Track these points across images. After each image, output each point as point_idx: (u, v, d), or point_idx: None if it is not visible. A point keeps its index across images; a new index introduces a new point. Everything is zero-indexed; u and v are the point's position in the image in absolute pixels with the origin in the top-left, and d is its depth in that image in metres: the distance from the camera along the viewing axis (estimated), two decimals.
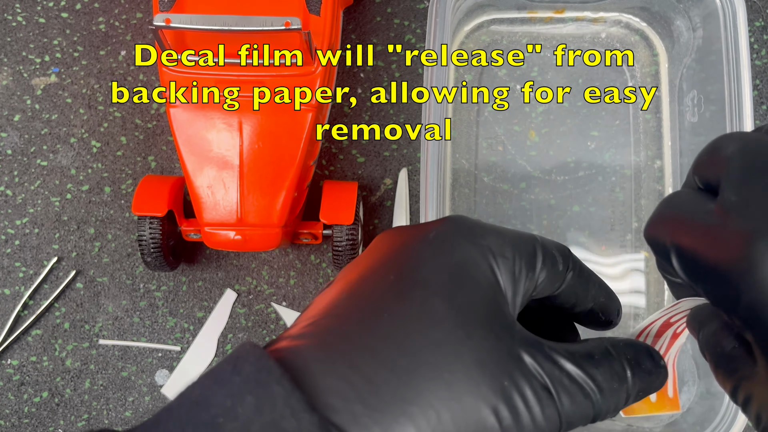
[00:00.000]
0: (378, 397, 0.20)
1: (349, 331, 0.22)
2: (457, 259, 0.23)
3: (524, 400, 0.22)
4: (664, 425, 0.49)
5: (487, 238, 0.24)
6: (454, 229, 0.24)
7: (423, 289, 0.23)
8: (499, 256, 0.24)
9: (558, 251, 0.26)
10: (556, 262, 0.26)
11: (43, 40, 0.59)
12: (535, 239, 0.25)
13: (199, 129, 0.47)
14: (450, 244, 0.24)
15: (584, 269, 0.27)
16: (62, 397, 0.54)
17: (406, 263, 0.23)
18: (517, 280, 0.24)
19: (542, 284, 0.25)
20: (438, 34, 0.47)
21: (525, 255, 0.25)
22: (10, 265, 0.56)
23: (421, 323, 0.22)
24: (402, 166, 0.57)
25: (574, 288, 0.27)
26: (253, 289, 0.56)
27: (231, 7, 0.48)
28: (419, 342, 0.21)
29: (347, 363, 0.21)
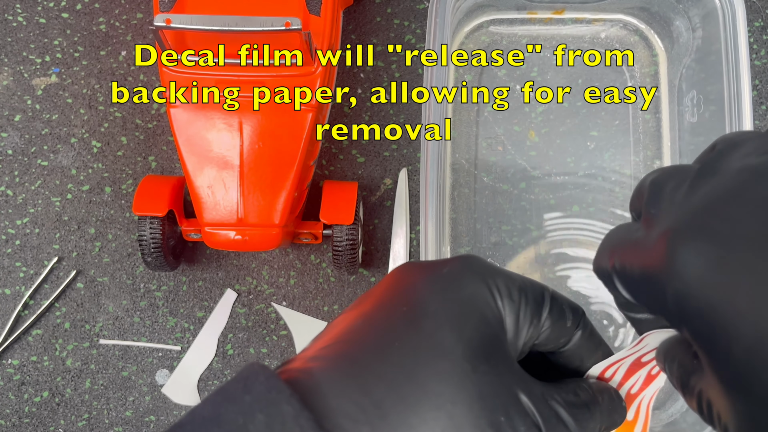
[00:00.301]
0: (385, 421, 0.21)
1: (360, 356, 0.22)
2: (466, 294, 0.24)
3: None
4: (664, 425, 0.49)
5: (496, 278, 0.25)
6: (466, 267, 0.25)
7: (433, 320, 0.23)
8: (506, 297, 0.25)
9: (569, 307, 0.27)
10: (564, 317, 0.26)
11: (43, 41, 0.59)
12: (545, 289, 0.26)
13: (199, 129, 0.47)
14: (460, 281, 0.25)
15: (595, 335, 0.28)
16: (63, 397, 0.54)
17: (418, 296, 0.24)
18: (521, 324, 0.25)
19: (546, 335, 0.26)
20: (438, 35, 0.47)
21: (532, 301, 0.25)
22: (10, 264, 0.56)
23: (430, 353, 0.23)
24: (402, 166, 0.57)
25: (580, 349, 0.27)
26: (254, 289, 0.56)
27: (231, 7, 0.48)
28: (427, 371, 0.22)
29: (358, 387, 0.22)
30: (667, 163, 0.56)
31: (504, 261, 0.55)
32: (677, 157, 0.55)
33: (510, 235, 0.55)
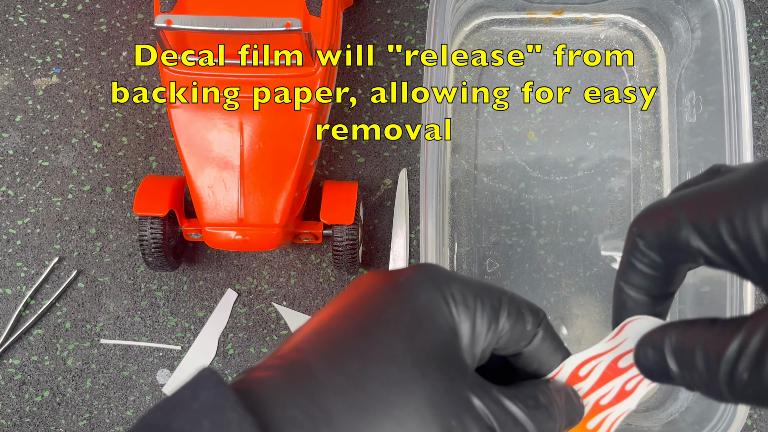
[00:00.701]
0: (332, 428, 0.21)
1: (313, 365, 0.23)
2: (420, 302, 0.25)
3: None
4: (663, 424, 0.49)
5: (452, 286, 0.26)
6: (422, 276, 0.26)
7: (385, 329, 0.24)
8: (461, 304, 0.25)
9: (529, 310, 0.27)
10: (522, 320, 0.27)
11: (44, 41, 0.59)
12: (503, 294, 0.27)
13: (199, 129, 0.47)
14: (415, 290, 0.25)
15: (555, 338, 0.28)
16: (63, 397, 0.55)
17: (373, 305, 0.25)
18: (478, 331, 0.25)
19: (506, 339, 0.26)
20: (438, 35, 0.47)
21: (488, 307, 0.26)
22: (11, 264, 0.56)
23: (381, 361, 0.23)
24: (402, 166, 0.57)
25: (540, 352, 0.28)
26: (254, 289, 0.56)
27: (232, 8, 0.48)
28: (377, 379, 0.23)
29: (307, 395, 0.22)
30: (666, 163, 0.56)
31: (505, 261, 0.55)
32: (676, 157, 0.55)
33: (509, 235, 0.55)
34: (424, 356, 0.24)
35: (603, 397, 0.28)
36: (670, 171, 0.56)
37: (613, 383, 0.28)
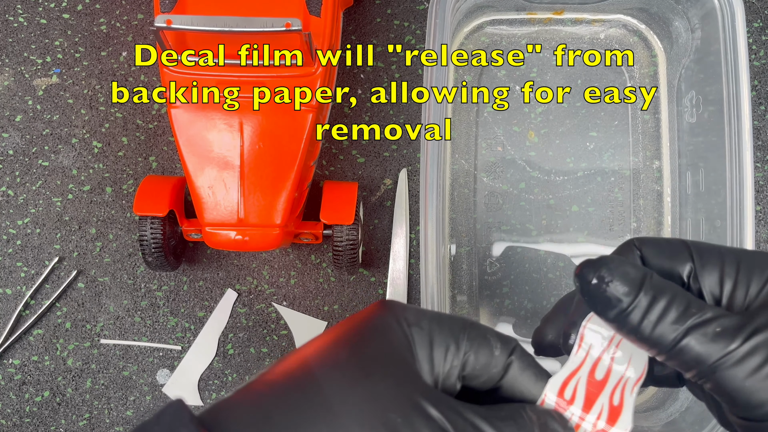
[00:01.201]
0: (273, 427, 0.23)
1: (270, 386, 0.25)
2: (373, 324, 0.26)
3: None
4: (663, 424, 0.49)
5: (406, 311, 0.27)
6: (379, 306, 0.27)
7: (334, 345, 0.26)
8: (414, 325, 0.26)
9: (496, 337, 0.27)
10: (488, 344, 0.27)
11: (44, 41, 0.59)
12: (464, 321, 0.27)
13: (199, 129, 0.47)
14: (372, 316, 0.27)
15: (533, 366, 0.28)
16: (63, 397, 0.55)
17: (328, 333, 0.27)
18: (435, 350, 0.26)
19: (472, 363, 0.26)
20: (438, 35, 0.47)
21: (446, 329, 0.26)
22: (11, 264, 0.56)
23: (326, 368, 0.24)
24: (402, 167, 0.57)
25: (518, 382, 0.27)
26: (254, 289, 0.56)
27: (232, 8, 0.48)
28: (321, 381, 0.24)
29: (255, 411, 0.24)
30: (666, 163, 0.56)
31: (505, 261, 0.55)
32: (676, 157, 0.55)
33: (509, 235, 0.55)
34: (369, 362, 0.24)
35: (597, 420, 0.27)
36: (670, 171, 0.56)
37: (600, 400, 0.27)
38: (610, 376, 0.28)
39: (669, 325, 0.25)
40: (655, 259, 0.28)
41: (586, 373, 0.28)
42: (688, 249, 0.28)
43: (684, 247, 0.28)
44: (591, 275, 0.26)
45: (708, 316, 0.25)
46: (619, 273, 0.26)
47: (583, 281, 0.26)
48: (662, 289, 0.26)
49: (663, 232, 0.56)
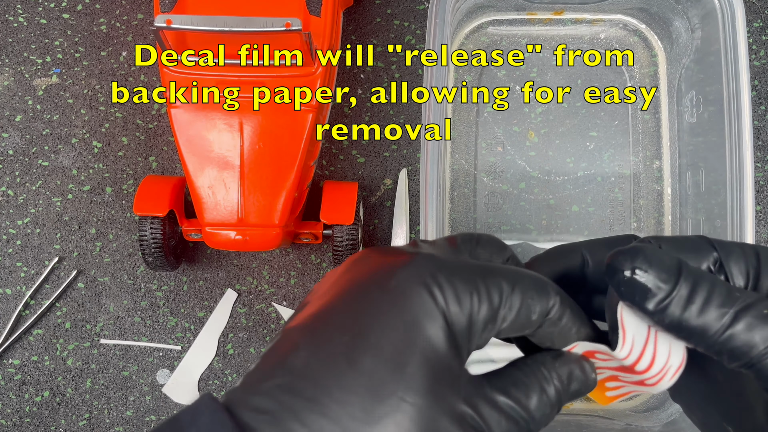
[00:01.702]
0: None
1: (300, 389, 0.23)
2: (411, 316, 0.24)
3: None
4: (663, 424, 0.49)
5: (445, 289, 0.24)
6: (416, 275, 0.24)
7: (373, 357, 0.23)
8: (454, 304, 0.24)
9: (536, 298, 0.25)
10: (527, 310, 0.25)
11: (44, 41, 0.59)
12: (504, 281, 0.25)
13: (199, 129, 0.47)
14: (407, 298, 0.24)
15: (573, 317, 0.26)
16: (63, 397, 0.55)
17: (361, 318, 0.24)
18: (475, 329, 0.24)
19: (507, 329, 0.25)
20: (438, 35, 0.47)
21: (486, 306, 0.24)
22: (11, 264, 0.56)
23: (368, 395, 0.23)
24: (402, 166, 0.57)
25: (551, 334, 0.26)
26: (254, 289, 0.56)
27: (231, 8, 0.48)
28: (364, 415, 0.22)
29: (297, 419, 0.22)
30: (666, 163, 0.56)
31: None
32: (676, 157, 0.55)
33: (510, 234, 0.55)
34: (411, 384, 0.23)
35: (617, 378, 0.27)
36: (670, 171, 0.56)
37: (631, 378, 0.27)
38: (653, 366, 0.26)
39: (715, 312, 0.24)
40: (677, 254, 0.26)
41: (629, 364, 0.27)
42: (708, 241, 0.26)
43: (704, 240, 0.26)
44: (626, 265, 0.24)
45: (752, 300, 0.23)
46: (656, 261, 0.24)
47: (617, 272, 0.24)
48: (701, 276, 0.24)
49: (663, 232, 0.56)
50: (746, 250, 0.26)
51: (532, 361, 0.26)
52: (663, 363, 0.26)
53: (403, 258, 0.25)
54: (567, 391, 0.26)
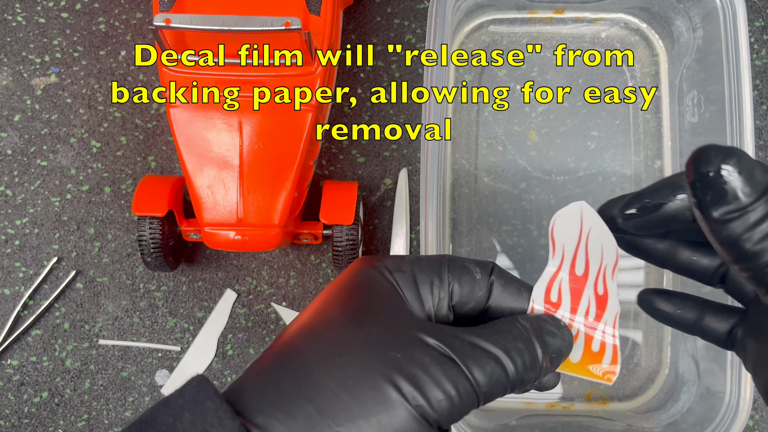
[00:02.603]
0: (285, 398, 0.24)
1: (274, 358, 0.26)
2: (355, 280, 0.28)
3: (422, 367, 0.24)
4: (664, 425, 0.49)
5: (384, 261, 0.28)
6: (358, 263, 0.29)
7: (323, 308, 0.27)
8: (396, 271, 0.28)
9: (474, 263, 0.29)
10: (468, 271, 0.28)
11: (43, 40, 0.59)
12: (441, 256, 0.29)
13: (199, 129, 0.47)
14: (353, 274, 0.28)
15: (514, 281, 0.29)
16: (62, 397, 0.54)
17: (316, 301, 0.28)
18: (421, 288, 0.28)
19: (458, 292, 0.28)
20: (438, 34, 0.47)
21: (426, 267, 0.28)
22: (10, 265, 0.56)
23: (321, 331, 0.26)
24: (402, 166, 0.57)
25: (503, 300, 0.29)
26: (253, 289, 0.56)
27: (231, 7, 0.48)
28: (318, 345, 0.25)
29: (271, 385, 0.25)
30: (667, 163, 0.56)
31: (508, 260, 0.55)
32: (678, 156, 0.55)
33: (510, 235, 0.55)
34: (359, 313, 0.26)
35: (587, 314, 0.29)
36: (672, 171, 0.56)
37: (585, 293, 0.29)
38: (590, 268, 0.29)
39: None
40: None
41: (567, 273, 0.29)
42: None
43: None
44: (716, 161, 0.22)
45: None
46: (748, 169, 0.22)
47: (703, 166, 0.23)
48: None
49: None
50: None
51: (501, 320, 0.28)
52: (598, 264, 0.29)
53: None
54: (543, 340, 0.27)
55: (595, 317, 0.29)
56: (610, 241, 0.29)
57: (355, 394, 0.24)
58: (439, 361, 0.24)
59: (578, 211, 0.29)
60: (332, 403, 0.24)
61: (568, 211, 0.29)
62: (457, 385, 0.24)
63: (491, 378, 0.25)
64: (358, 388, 0.24)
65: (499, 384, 0.25)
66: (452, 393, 0.24)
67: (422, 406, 0.24)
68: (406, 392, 0.24)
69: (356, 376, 0.24)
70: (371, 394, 0.24)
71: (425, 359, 0.24)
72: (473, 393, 0.25)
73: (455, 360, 0.24)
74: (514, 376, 0.25)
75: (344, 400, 0.24)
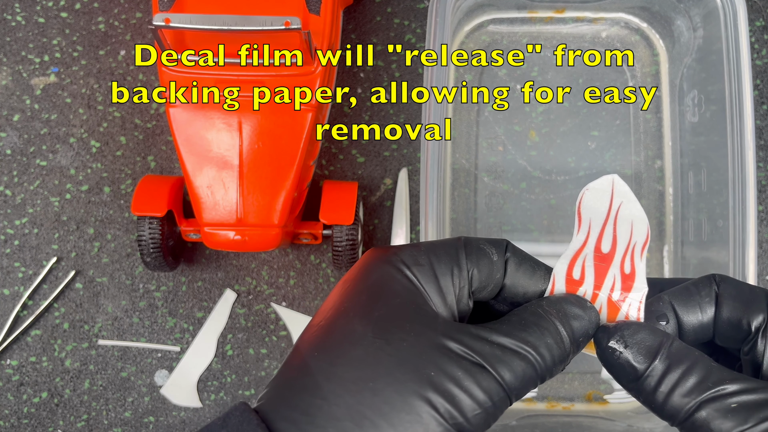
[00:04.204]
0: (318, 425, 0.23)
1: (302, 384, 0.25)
2: (374, 278, 0.26)
3: (456, 382, 0.23)
4: (665, 426, 0.49)
5: (399, 254, 0.27)
6: (372, 257, 0.27)
7: (344, 317, 0.26)
8: (414, 265, 0.26)
9: (489, 243, 0.28)
10: (485, 253, 0.27)
11: (42, 40, 0.58)
12: (457, 239, 0.27)
13: (198, 129, 0.47)
14: (367, 271, 0.27)
15: (529, 258, 0.28)
16: (62, 398, 0.54)
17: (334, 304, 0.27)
18: (442, 281, 0.26)
19: (478, 278, 0.27)
20: (438, 34, 0.47)
21: (444, 256, 0.27)
22: (9, 265, 0.56)
23: (344, 349, 0.25)
24: (402, 166, 0.57)
25: (519, 278, 0.28)
26: (253, 290, 0.56)
27: (231, 6, 0.47)
28: (348, 366, 0.24)
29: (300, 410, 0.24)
30: (668, 163, 0.56)
31: None
32: (678, 156, 0.55)
33: (510, 235, 0.55)
34: (383, 326, 0.25)
35: (612, 291, 0.27)
36: (672, 171, 0.56)
37: (611, 272, 0.28)
38: (617, 246, 0.27)
39: (681, 397, 0.24)
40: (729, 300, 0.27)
41: (592, 249, 0.28)
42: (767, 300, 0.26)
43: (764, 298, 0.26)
44: (605, 341, 0.26)
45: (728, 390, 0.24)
46: (635, 340, 0.25)
47: (598, 346, 0.26)
48: (681, 358, 0.25)
49: (665, 232, 0.55)
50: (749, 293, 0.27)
51: (519, 308, 0.27)
52: (627, 241, 0.27)
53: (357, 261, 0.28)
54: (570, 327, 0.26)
55: (619, 298, 0.27)
56: (641, 217, 0.27)
57: (394, 421, 0.23)
58: (472, 373, 0.24)
59: (609, 185, 0.27)
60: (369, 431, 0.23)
61: (599, 184, 0.27)
62: (491, 394, 0.24)
63: (522, 378, 0.24)
64: (396, 414, 0.23)
65: (530, 381, 0.25)
66: (487, 403, 0.24)
67: (460, 423, 0.23)
68: (443, 412, 0.23)
69: (393, 401, 0.23)
70: (410, 419, 0.23)
71: (458, 373, 0.23)
72: (506, 397, 0.24)
73: (487, 368, 0.24)
74: (543, 370, 0.25)
75: (383, 428, 0.23)
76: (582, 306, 0.27)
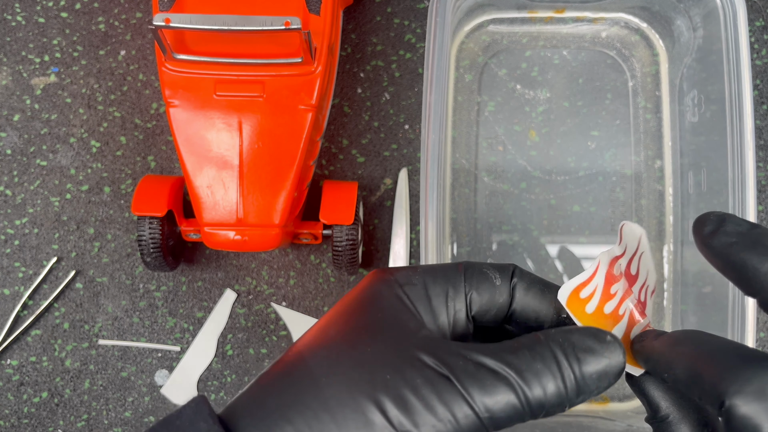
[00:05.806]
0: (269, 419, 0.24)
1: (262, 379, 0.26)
2: (365, 295, 0.27)
3: (413, 389, 0.22)
4: None
5: (396, 274, 0.27)
6: (371, 277, 0.28)
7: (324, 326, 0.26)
8: (406, 284, 0.26)
9: (493, 267, 0.27)
10: (486, 277, 0.27)
11: (42, 40, 0.58)
12: (458, 263, 0.27)
13: (198, 129, 0.47)
14: (362, 288, 0.27)
15: (537, 282, 0.27)
16: (62, 398, 0.54)
17: (324, 317, 0.27)
18: (435, 300, 0.26)
19: (478, 301, 0.27)
20: (438, 34, 0.47)
21: (440, 278, 0.27)
22: (9, 265, 0.56)
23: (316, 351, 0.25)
24: (402, 166, 0.57)
25: (527, 302, 0.27)
26: (253, 290, 0.56)
27: (231, 6, 0.47)
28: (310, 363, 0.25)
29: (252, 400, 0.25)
30: (668, 162, 0.56)
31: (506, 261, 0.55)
32: (678, 156, 0.55)
33: (510, 235, 0.55)
34: (356, 332, 0.25)
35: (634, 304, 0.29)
36: (672, 170, 0.56)
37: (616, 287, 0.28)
38: (639, 276, 0.29)
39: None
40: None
41: (626, 264, 0.29)
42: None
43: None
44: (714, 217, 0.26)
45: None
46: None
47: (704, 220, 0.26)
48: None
49: (665, 232, 0.55)
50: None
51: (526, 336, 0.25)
52: (644, 279, 0.29)
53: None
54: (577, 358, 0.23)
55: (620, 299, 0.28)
56: (653, 271, 0.30)
57: (336, 416, 0.23)
58: (433, 382, 0.22)
59: (638, 235, 0.29)
60: (312, 425, 0.23)
61: (631, 227, 0.29)
62: (453, 410, 0.22)
63: (500, 403, 0.22)
64: (341, 410, 0.23)
65: (512, 408, 0.22)
66: (447, 418, 0.22)
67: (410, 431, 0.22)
68: (392, 416, 0.22)
69: (340, 397, 0.23)
70: (354, 416, 0.22)
71: (417, 380, 0.22)
72: (475, 419, 0.22)
73: (452, 381, 0.22)
74: (530, 400, 0.22)
75: (325, 422, 0.23)
76: (599, 339, 0.24)
